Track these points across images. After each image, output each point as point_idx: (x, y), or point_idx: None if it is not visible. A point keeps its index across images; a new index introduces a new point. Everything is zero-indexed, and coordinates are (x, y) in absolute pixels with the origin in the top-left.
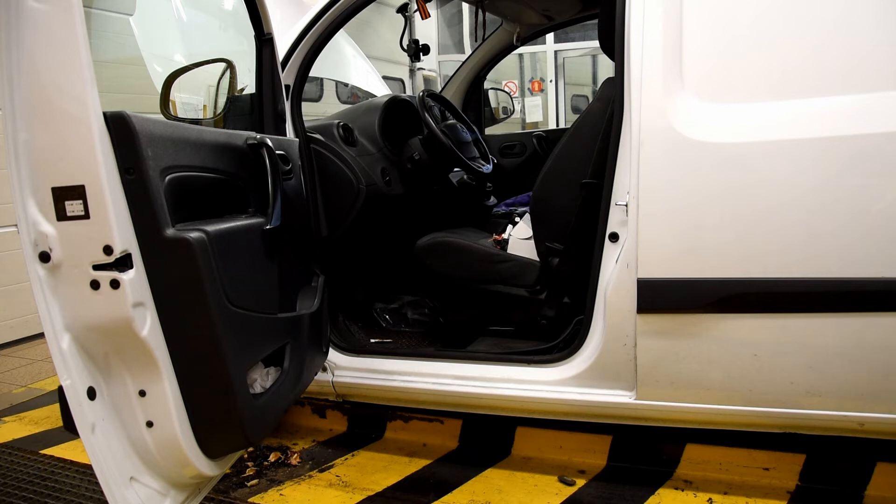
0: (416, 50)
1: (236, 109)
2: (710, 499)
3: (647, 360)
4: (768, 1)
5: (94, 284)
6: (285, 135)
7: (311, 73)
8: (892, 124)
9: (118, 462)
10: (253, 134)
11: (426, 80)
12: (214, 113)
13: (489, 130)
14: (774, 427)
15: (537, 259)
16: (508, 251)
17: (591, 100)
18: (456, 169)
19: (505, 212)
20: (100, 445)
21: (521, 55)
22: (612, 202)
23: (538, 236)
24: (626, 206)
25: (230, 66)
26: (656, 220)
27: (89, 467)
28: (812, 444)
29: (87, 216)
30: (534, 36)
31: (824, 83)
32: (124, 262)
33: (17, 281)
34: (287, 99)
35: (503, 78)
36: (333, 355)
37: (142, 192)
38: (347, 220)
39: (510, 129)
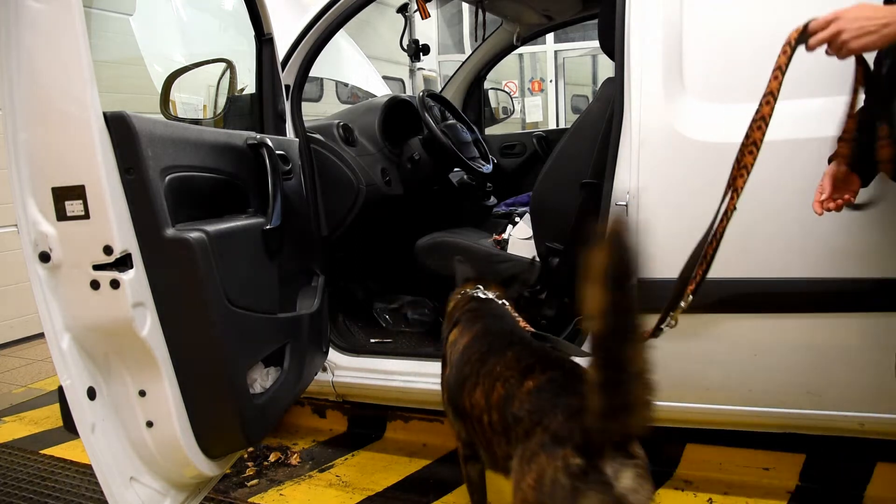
0: (416, 50)
1: (236, 109)
2: (710, 499)
3: None
4: (769, 0)
5: (94, 284)
6: (285, 135)
7: (311, 73)
8: None
9: (118, 462)
10: (253, 134)
11: (426, 80)
12: (214, 113)
13: (489, 130)
14: (774, 427)
15: (537, 259)
16: (508, 251)
17: (591, 100)
18: (456, 169)
19: (505, 212)
20: (100, 445)
21: (521, 55)
22: (612, 202)
23: (538, 236)
24: (626, 206)
25: (230, 66)
26: (656, 220)
27: (89, 467)
28: (812, 444)
29: (87, 216)
30: (534, 36)
31: (825, 83)
32: (124, 263)
33: (17, 281)
34: (287, 99)
35: (503, 78)
36: (333, 355)
37: (142, 192)
38: (347, 220)
39: (510, 129)
